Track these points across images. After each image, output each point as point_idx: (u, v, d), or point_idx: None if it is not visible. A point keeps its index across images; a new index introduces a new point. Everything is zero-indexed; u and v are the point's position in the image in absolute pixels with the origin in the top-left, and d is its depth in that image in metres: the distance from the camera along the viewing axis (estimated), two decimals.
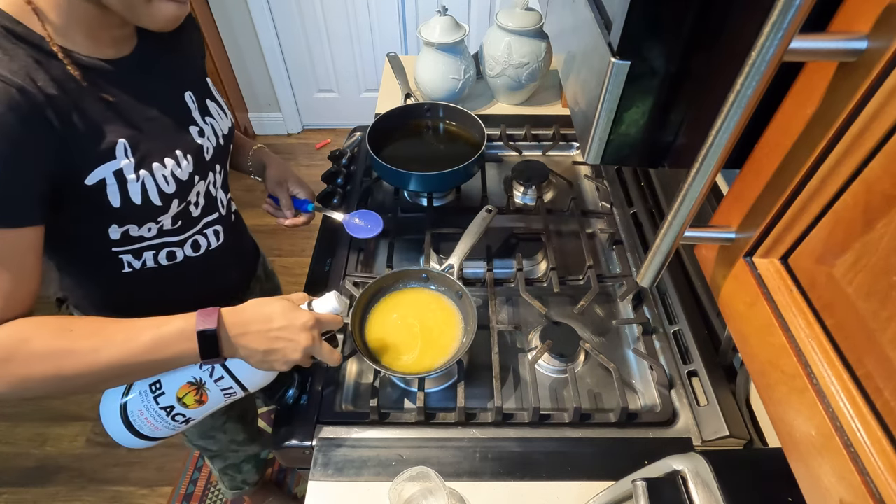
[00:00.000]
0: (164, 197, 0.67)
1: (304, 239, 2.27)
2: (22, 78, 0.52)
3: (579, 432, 0.74)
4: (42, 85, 0.54)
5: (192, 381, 0.64)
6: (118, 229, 0.66)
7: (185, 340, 0.58)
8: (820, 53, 0.28)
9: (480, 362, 0.83)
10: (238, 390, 0.66)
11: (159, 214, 0.68)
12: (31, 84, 0.53)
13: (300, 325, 0.62)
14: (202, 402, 0.65)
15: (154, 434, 0.67)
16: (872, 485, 0.26)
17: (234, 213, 0.87)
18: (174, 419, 0.66)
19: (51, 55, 0.56)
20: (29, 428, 1.71)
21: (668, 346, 0.84)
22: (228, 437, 1.10)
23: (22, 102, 0.51)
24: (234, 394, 0.67)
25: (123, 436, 0.66)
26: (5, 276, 0.54)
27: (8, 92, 0.51)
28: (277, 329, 0.61)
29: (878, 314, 0.27)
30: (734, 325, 0.39)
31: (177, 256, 0.75)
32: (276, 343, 0.61)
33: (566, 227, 1.06)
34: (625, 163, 0.51)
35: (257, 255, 1.03)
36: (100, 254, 0.69)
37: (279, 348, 0.61)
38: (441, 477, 0.63)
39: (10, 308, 0.55)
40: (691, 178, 0.33)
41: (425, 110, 1.19)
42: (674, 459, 0.50)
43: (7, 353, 0.53)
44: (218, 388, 0.65)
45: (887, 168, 0.26)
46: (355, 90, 2.68)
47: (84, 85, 0.58)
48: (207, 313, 0.59)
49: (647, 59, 0.42)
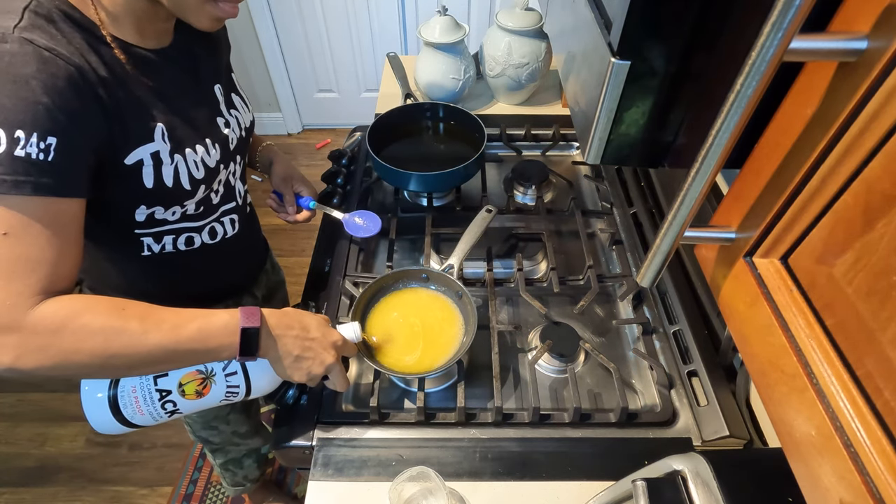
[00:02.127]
0: (193, 182, 0.70)
1: (305, 239, 2.27)
2: (78, 58, 0.56)
3: (579, 432, 0.74)
4: (95, 66, 0.58)
5: (202, 370, 0.64)
6: (146, 210, 0.68)
7: (228, 334, 0.60)
8: (820, 53, 0.28)
9: (480, 362, 0.83)
10: (242, 392, 0.67)
11: (186, 199, 0.71)
12: (86, 64, 0.57)
13: (331, 342, 0.67)
14: (201, 395, 0.65)
15: (134, 418, 0.64)
16: (872, 485, 0.26)
17: (249, 205, 0.91)
18: (164, 406, 0.64)
19: (101, 40, 0.59)
20: (29, 428, 1.71)
21: (668, 346, 0.84)
22: (231, 428, 1.11)
23: (79, 79, 0.55)
24: (236, 395, 0.67)
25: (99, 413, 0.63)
26: (52, 245, 0.54)
27: (67, 69, 0.54)
28: (312, 339, 0.65)
29: (878, 314, 0.27)
30: (734, 325, 0.39)
31: (194, 242, 0.78)
32: (308, 352, 0.65)
33: (566, 227, 1.06)
34: (625, 163, 0.51)
35: (266, 248, 1.07)
36: (123, 235, 0.71)
37: (309, 357, 0.65)
38: (441, 477, 0.63)
39: (56, 278, 0.55)
40: (691, 178, 0.33)
41: (425, 110, 1.19)
42: (674, 459, 0.50)
43: (59, 324, 0.53)
44: (225, 384, 0.65)
45: (887, 168, 0.26)
46: (355, 90, 2.68)
47: (130, 70, 0.62)
48: (251, 311, 0.61)
49: (647, 59, 0.42)
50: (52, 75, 0.53)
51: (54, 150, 0.53)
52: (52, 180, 0.53)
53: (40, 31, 0.54)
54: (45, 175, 0.53)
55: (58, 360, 0.53)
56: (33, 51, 0.52)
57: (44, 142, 0.52)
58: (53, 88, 0.53)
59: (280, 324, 0.64)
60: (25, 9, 0.54)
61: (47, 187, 0.53)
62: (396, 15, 2.38)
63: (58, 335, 0.53)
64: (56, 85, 0.53)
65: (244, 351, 0.61)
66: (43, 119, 0.52)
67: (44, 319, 0.52)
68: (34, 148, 0.52)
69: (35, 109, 0.51)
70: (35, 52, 0.52)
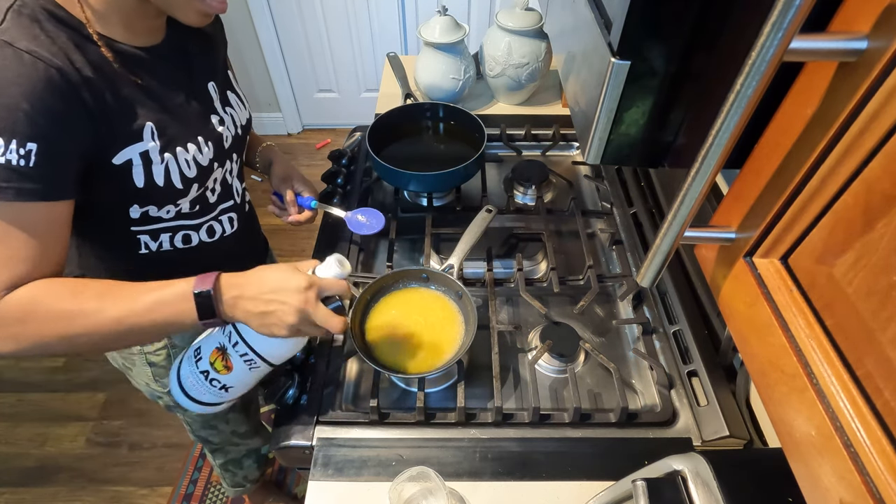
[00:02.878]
0: (185, 181, 0.69)
1: (305, 239, 2.27)
2: (61, 59, 0.55)
3: (579, 432, 0.74)
4: (79, 66, 0.57)
5: (218, 346, 0.67)
6: (139, 209, 0.69)
7: (183, 301, 0.60)
8: (820, 53, 0.28)
9: (480, 362, 0.83)
10: (257, 360, 0.67)
11: (179, 197, 0.70)
12: (69, 65, 0.56)
13: (293, 288, 0.61)
14: (229, 369, 0.67)
15: (202, 398, 0.70)
16: (872, 485, 0.26)
17: (248, 203, 0.90)
18: (211, 384, 0.68)
19: (88, 39, 0.59)
20: (29, 428, 1.71)
21: (668, 346, 0.84)
22: (230, 427, 1.11)
23: (61, 82, 0.55)
24: (256, 365, 0.67)
25: (182, 398, 0.70)
26: (35, 245, 0.57)
27: (48, 72, 0.54)
28: (270, 291, 0.61)
29: (878, 314, 0.27)
30: (734, 325, 0.39)
31: (192, 240, 0.78)
32: (270, 306, 0.61)
33: (566, 227, 1.06)
34: (625, 163, 0.51)
35: (266, 247, 1.07)
36: (119, 233, 0.71)
37: (273, 311, 0.61)
38: (441, 477, 0.63)
39: (35, 272, 0.58)
40: (691, 178, 0.33)
41: (425, 110, 1.19)
42: (674, 459, 0.50)
43: (23, 313, 0.56)
44: (237, 354, 0.66)
45: (887, 168, 0.26)
46: (355, 90, 2.68)
47: (117, 69, 0.61)
48: (206, 276, 0.61)
49: (647, 59, 0.42)
50: (33, 79, 0.53)
51: (35, 156, 0.53)
52: (35, 185, 0.54)
53: (22, 31, 0.54)
54: (27, 181, 0.54)
55: (29, 345, 0.57)
56: (13, 53, 0.52)
57: (24, 148, 0.52)
58: (33, 93, 0.52)
59: (235, 284, 0.61)
60: (9, 9, 0.54)
61: (30, 192, 0.54)
62: (396, 15, 2.38)
63: (24, 323, 0.56)
64: (36, 89, 0.53)
65: (203, 315, 0.60)
66: (23, 125, 0.52)
67: (9, 310, 0.56)
68: (14, 154, 0.52)
69: (15, 116, 0.52)
70: (15, 56, 0.52)
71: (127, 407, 1.75)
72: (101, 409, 1.75)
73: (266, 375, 0.71)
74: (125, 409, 1.75)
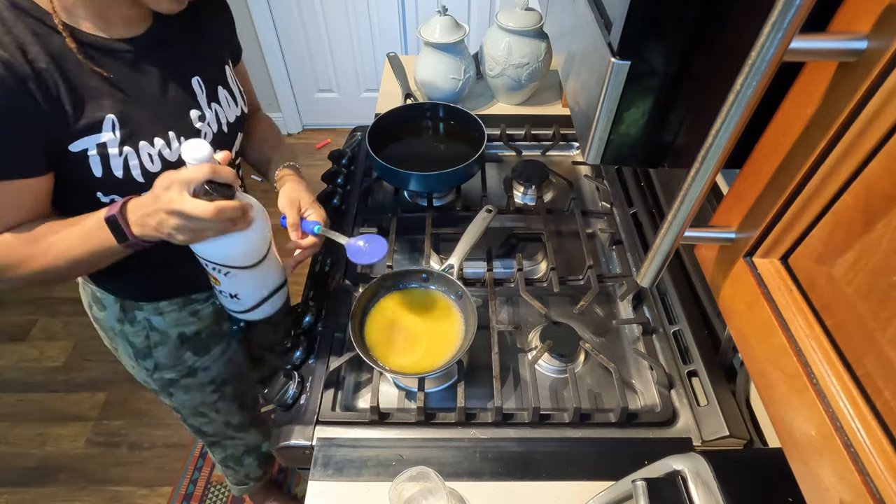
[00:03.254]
0: (146, 175, 0.69)
1: None
2: (10, 51, 0.56)
3: (579, 432, 0.74)
4: (32, 58, 0.57)
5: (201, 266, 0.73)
6: (104, 196, 0.69)
7: (101, 229, 0.63)
8: (820, 53, 0.28)
9: (480, 362, 0.83)
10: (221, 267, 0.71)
11: (142, 190, 0.67)
12: (20, 56, 0.56)
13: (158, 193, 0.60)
14: (218, 282, 0.74)
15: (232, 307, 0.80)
16: (872, 485, 0.26)
17: None
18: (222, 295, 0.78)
19: (52, 29, 0.59)
20: (29, 428, 1.71)
21: (668, 346, 0.84)
22: (222, 417, 1.09)
23: (5, 75, 0.55)
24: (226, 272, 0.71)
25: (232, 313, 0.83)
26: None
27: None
28: (152, 202, 0.61)
29: (878, 314, 0.27)
30: (734, 325, 0.39)
31: None
32: (157, 216, 0.61)
33: (566, 227, 1.06)
34: (625, 163, 0.51)
35: None
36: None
37: (159, 220, 0.61)
38: (441, 477, 0.63)
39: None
40: (691, 178, 0.33)
41: (425, 110, 1.19)
42: (674, 459, 0.50)
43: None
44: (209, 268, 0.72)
45: (887, 168, 0.26)
46: (355, 90, 2.68)
47: (80, 59, 0.61)
48: (118, 203, 0.63)
49: (647, 59, 0.42)
50: None
51: None
52: None
53: None
54: None
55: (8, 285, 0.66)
56: None
57: None
58: None
59: (139, 204, 0.62)
60: None
61: None
62: (396, 15, 2.38)
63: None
64: None
65: (119, 239, 0.63)
66: None
67: None
68: None
69: None
70: None
71: (127, 407, 1.75)
72: (101, 409, 1.75)
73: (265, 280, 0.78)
74: (125, 409, 1.75)
